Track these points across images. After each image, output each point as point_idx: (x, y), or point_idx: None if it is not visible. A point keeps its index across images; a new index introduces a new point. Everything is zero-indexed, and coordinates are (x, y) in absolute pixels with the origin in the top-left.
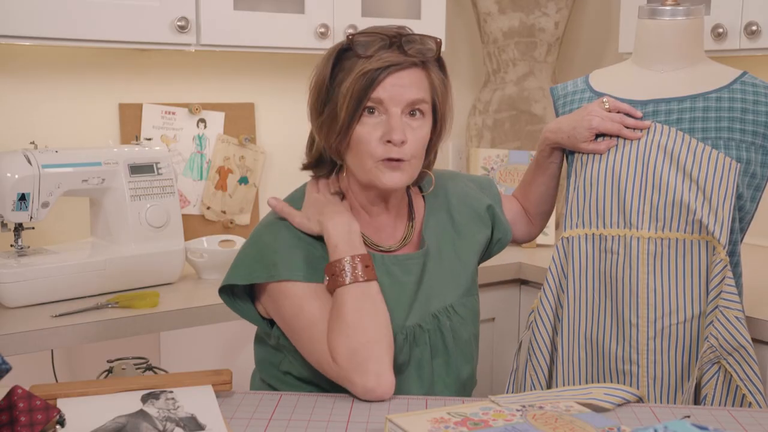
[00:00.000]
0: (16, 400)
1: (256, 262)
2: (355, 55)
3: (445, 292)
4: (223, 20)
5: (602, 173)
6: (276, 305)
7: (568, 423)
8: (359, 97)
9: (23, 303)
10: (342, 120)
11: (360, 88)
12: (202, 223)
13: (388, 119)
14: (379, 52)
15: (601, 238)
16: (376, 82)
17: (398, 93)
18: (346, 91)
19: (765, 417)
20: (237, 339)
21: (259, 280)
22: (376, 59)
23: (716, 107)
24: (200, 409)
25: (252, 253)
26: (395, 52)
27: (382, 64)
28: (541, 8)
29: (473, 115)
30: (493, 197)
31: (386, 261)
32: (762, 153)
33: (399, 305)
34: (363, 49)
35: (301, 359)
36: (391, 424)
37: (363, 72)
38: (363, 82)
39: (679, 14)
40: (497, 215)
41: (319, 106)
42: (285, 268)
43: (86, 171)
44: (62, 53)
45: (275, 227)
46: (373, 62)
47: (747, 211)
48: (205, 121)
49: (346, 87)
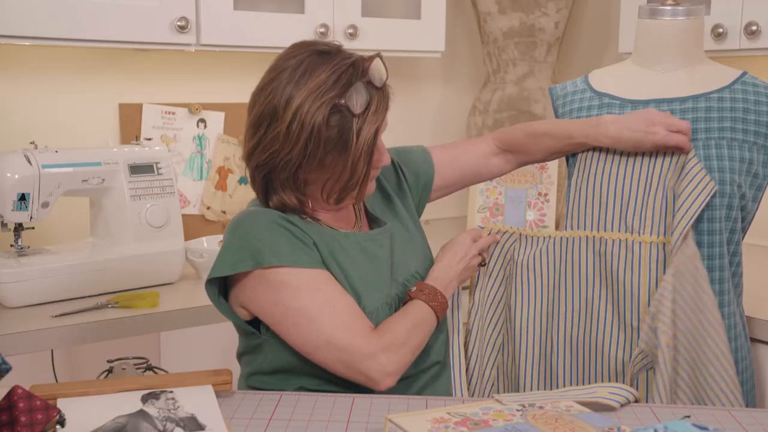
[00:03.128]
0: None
1: (240, 251)
2: (348, 114)
3: (408, 261)
4: (223, 20)
5: (606, 176)
6: (263, 292)
7: (568, 423)
8: (370, 153)
9: (23, 303)
10: (357, 176)
11: (369, 146)
12: (202, 223)
13: (378, 149)
14: (366, 104)
15: (602, 241)
16: (378, 133)
17: (384, 127)
18: (356, 153)
19: (765, 417)
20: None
21: (245, 269)
22: (372, 116)
23: (718, 107)
24: (200, 409)
25: (235, 244)
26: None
27: (380, 119)
28: (541, 8)
29: (473, 115)
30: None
31: (359, 239)
32: (764, 153)
33: (380, 278)
34: (355, 108)
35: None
36: (391, 424)
37: (369, 133)
38: (371, 140)
39: (680, 14)
40: (402, 162)
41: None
42: (273, 255)
43: (86, 171)
44: (62, 53)
45: (253, 216)
46: (372, 120)
47: (749, 211)
48: (205, 121)
49: (356, 150)
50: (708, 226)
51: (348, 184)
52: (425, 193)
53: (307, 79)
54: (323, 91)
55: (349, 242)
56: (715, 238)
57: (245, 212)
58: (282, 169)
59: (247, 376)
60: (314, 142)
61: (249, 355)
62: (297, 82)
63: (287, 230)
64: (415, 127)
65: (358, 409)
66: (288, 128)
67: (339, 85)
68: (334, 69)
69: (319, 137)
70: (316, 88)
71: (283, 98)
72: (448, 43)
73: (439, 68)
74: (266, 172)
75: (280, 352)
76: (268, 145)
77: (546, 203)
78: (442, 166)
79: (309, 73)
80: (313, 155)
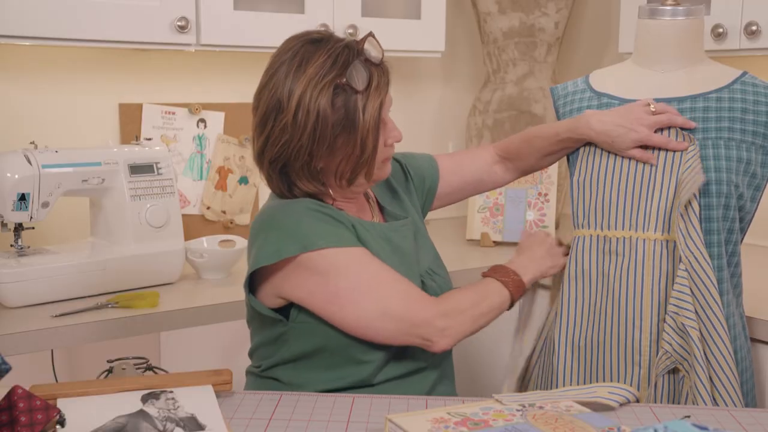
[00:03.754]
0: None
1: (282, 239)
2: (352, 92)
3: (423, 257)
4: (223, 20)
5: (609, 174)
6: (311, 276)
7: (568, 423)
8: (377, 128)
9: (23, 303)
10: (368, 154)
11: (376, 121)
12: (202, 223)
13: (384, 126)
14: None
15: (606, 239)
16: (382, 107)
17: (388, 103)
18: (364, 130)
19: (765, 417)
20: (237, 339)
21: (291, 254)
22: (375, 90)
23: (716, 107)
24: (200, 409)
25: (274, 234)
26: (377, 69)
27: (384, 92)
28: (541, 8)
29: (473, 115)
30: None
31: (383, 229)
32: (762, 153)
33: (405, 269)
34: (358, 85)
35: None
36: (391, 424)
37: (374, 107)
38: (377, 115)
39: (680, 14)
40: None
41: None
42: (318, 237)
43: (86, 171)
44: (62, 53)
45: (287, 205)
46: (376, 95)
47: (747, 211)
48: (205, 121)
49: (364, 126)
50: (705, 226)
51: (359, 161)
52: (429, 197)
53: (305, 67)
54: (322, 75)
55: (375, 231)
56: (712, 238)
57: (275, 205)
58: (295, 159)
59: (265, 369)
60: (322, 125)
61: (269, 347)
62: (296, 72)
63: (325, 214)
64: (415, 127)
65: (358, 409)
66: (294, 117)
67: (337, 66)
68: (330, 53)
69: (326, 120)
70: (315, 73)
71: (285, 90)
72: (448, 43)
73: (439, 68)
74: (281, 166)
75: (306, 339)
76: (278, 137)
77: (546, 203)
78: (446, 173)
79: (306, 61)
80: (322, 139)
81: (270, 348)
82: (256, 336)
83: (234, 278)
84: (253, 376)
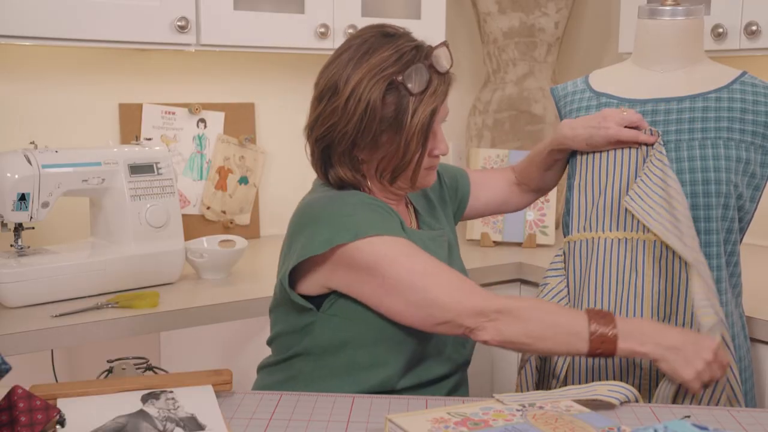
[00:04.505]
0: (16, 400)
1: (334, 227)
2: (406, 92)
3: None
4: (223, 20)
5: (607, 176)
6: (359, 265)
7: (568, 423)
8: (425, 136)
9: (23, 303)
10: (409, 157)
11: (424, 128)
12: (202, 223)
13: (434, 136)
14: (425, 85)
15: (606, 241)
16: (434, 116)
17: (443, 114)
18: (410, 133)
19: (765, 417)
20: (237, 339)
21: (344, 241)
22: (429, 97)
23: (716, 107)
24: (200, 409)
25: (325, 224)
26: (439, 77)
27: (438, 101)
28: (541, 8)
29: (473, 115)
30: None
31: (422, 236)
32: (761, 153)
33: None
34: (414, 87)
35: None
36: (391, 424)
37: (425, 113)
38: (426, 122)
39: (679, 14)
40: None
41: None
42: (369, 226)
43: (86, 171)
44: (62, 53)
45: (339, 197)
46: (430, 102)
47: (747, 211)
48: (205, 121)
49: (410, 129)
50: (704, 226)
51: (401, 163)
52: (461, 208)
53: (369, 57)
54: (383, 68)
55: (414, 236)
56: (711, 238)
57: (323, 197)
58: (338, 143)
59: (285, 359)
60: (369, 117)
61: (293, 335)
62: (359, 59)
63: (377, 206)
64: None
65: (358, 409)
66: (346, 102)
67: (399, 63)
68: (397, 48)
69: (374, 113)
70: (376, 65)
71: (344, 74)
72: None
73: None
74: (324, 146)
75: (333, 331)
76: (327, 118)
77: (546, 203)
78: (476, 187)
79: (372, 51)
80: (367, 130)
81: (294, 337)
82: (280, 324)
83: (234, 278)
84: (267, 369)
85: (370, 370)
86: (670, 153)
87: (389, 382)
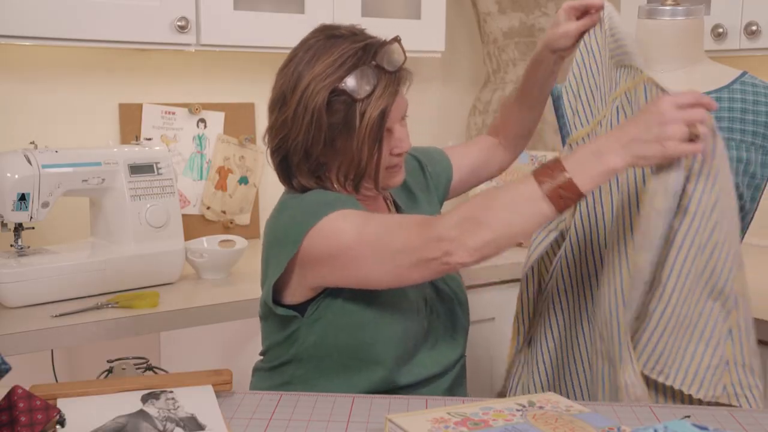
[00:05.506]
0: (16, 400)
1: (282, 244)
2: (350, 98)
3: None
4: (223, 20)
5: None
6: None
7: (568, 423)
8: (377, 138)
9: (23, 303)
10: (364, 162)
11: (375, 130)
12: (202, 223)
13: (391, 135)
14: (371, 87)
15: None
16: (385, 117)
17: (398, 112)
18: (360, 137)
19: (765, 417)
20: (237, 339)
21: (291, 254)
22: (377, 99)
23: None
24: (200, 409)
25: (276, 243)
26: (387, 76)
27: (386, 103)
28: (541, 8)
29: (473, 115)
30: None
31: None
32: (762, 153)
33: None
34: (357, 92)
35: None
36: (391, 424)
37: (372, 117)
38: (376, 124)
39: (679, 14)
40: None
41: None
42: (336, 206)
43: (86, 171)
44: (62, 53)
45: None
46: (377, 104)
47: (747, 211)
48: (205, 121)
49: (360, 134)
50: None
51: (359, 168)
52: (446, 191)
53: (313, 64)
54: (327, 74)
55: None
56: None
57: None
58: (293, 153)
59: (280, 365)
60: (316, 125)
61: (283, 345)
62: (304, 67)
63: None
64: (415, 127)
65: (358, 409)
66: (294, 113)
67: (343, 68)
68: (342, 53)
69: (321, 121)
70: (319, 73)
71: (291, 82)
72: (448, 43)
73: (439, 68)
74: (281, 157)
75: (317, 335)
76: (279, 129)
77: None
78: (456, 157)
79: (317, 57)
80: (317, 139)
81: (282, 347)
82: (268, 337)
83: (234, 278)
84: (261, 374)
85: (360, 370)
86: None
87: (382, 380)
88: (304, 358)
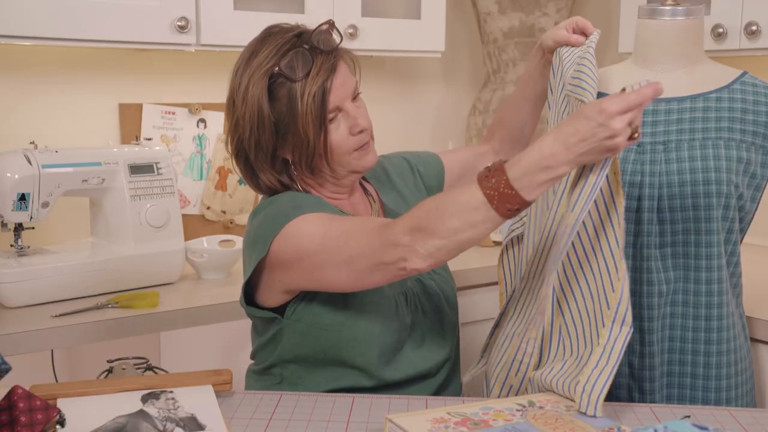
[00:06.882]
0: (16, 400)
1: (253, 247)
2: (288, 81)
3: None
4: (223, 20)
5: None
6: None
7: (568, 423)
8: (320, 116)
9: (23, 303)
10: (312, 142)
11: (317, 108)
12: (202, 223)
13: (346, 115)
14: (308, 67)
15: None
16: (326, 94)
17: (343, 90)
18: (304, 118)
19: (765, 417)
20: (237, 339)
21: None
22: (314, 77)
23: (716, 107)
24: (200, 409)
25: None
26: (323, 55)
27: (323, 78)
28: (541, 8)
29: (473, 114)
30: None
31: None
32: (762, 153)
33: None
34: (294, 73)
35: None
36: (391, 424)
37: (311, 94)
38: (317, 101)
39: (679, 14)
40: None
41: (270, 141)
42: (303, 209)
43: (86, 171)
44: (62, 53)
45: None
46: (315, 81)
47: (747, 211)
48: (205, 121)
49: (303, 113)
50: (705, 227)
51: (308, 149)
52: (440, 191)
53: (251, 61)
54: (264, 64)
55: None
56: (712, 238)
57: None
58: (251, 152)
59: (269, 368)
60: (259, 116)
61: (268, 346)
62: (244, 67)
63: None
64: (415, 127)
65: (358, 409)
66: (242, 110)
67: (278, 55)
68: (277, 43)
69: (263, 111)
70: (258, 65)
71: (235, 83)
72: (448, 43)
73: (439, 68)
74: (243, 160)
75: (303, 332)
76: (234, 132)
77: None
78: (447, 163)
79: (255, 53)
80: (262, 129)
81: (268, 348)
82: (255, 339)
83: (234, 278)
84: (253, 375)
85: (345, 368)
86: (670, 153)
87: (368, 378)
88: (290, 359)
